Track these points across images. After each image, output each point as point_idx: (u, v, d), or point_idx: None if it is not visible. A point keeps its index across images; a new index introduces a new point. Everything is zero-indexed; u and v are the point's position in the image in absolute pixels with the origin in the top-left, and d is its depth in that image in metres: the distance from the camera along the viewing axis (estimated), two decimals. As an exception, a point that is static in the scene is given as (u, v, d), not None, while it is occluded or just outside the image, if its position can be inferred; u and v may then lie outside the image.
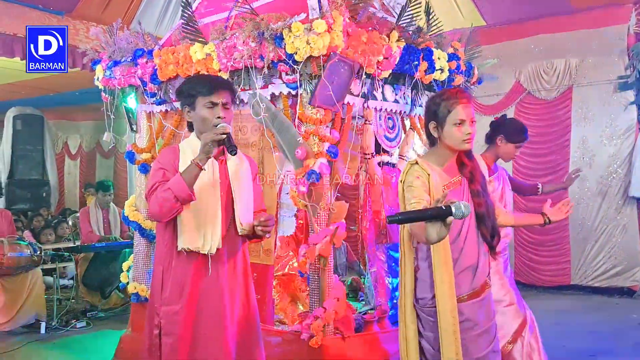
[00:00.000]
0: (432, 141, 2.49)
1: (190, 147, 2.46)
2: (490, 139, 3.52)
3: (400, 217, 1.95)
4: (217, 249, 2.43)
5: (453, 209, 1.88)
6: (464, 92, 2.45)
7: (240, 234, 2.51)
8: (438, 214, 1.89)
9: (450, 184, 2.41)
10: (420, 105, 3.99)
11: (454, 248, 2.37)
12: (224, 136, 2.32)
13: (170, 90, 3.84)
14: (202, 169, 2.32)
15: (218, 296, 2.45)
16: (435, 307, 2.34)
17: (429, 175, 2.35)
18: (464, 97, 2.39)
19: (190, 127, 2.55)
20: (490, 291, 2.51)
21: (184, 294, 2.40)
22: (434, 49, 3.78)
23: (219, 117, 2.40)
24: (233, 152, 2.36)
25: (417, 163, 2.40)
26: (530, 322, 3.44)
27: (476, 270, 2.42)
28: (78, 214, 7.07)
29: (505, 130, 3.45)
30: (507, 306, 3.40)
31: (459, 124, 2.35)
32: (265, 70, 3.32)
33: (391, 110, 3.83)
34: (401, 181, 2.42)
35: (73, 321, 5.51)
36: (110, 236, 6.37)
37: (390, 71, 3.55)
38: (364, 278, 4.37)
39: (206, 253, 2.41)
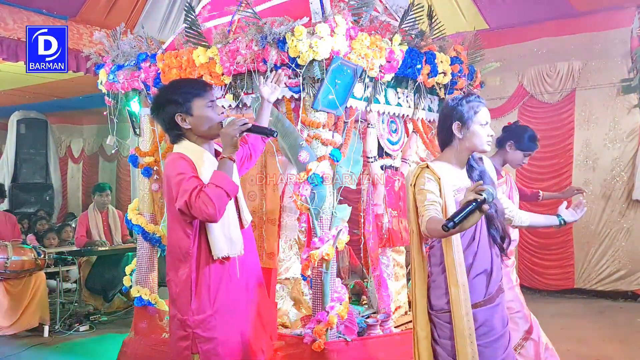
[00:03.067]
0: (446, 143, 2.50)
1: (196, 154, 2.40)
2: (500, 143, 3.52)
3: (454, 221, 1.99)
4: None
5: (485, 195, 1.97)
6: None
7: (245, 227, 2.53)
8: (477, 206, 1.98)
9: (460, 189, 2.42)
10: (424, 109, 3.99)
11: (469, 252, 2.37)
12: (250, 125, 2.35)
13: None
14: (234, 161, 2.36)
15: (246, 294, 2.49)
16: (450, 312, 2.34)
17: (439, 178, 2.36)
18: (484, 101, 2.50)
19: (176, 136, 2.47)
20: (503, 296, 2.50)
21: (217, 298, 2.39)
22: (436, 53, 3.78)
23: (222, 113, 2.43)
24: (274, 133, 2.44)
25: (427, 167, 2.41)
26: (537, 329, 3.44)
27: (491, 274, 2.42)
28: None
29: (516, 136, 3.46)
30: (515, 313, 3.39)
31: (484, 125, 2.42)
32: (268, 73, 3.33)
33: (394, 113, 3.82)
34: (412, 185, 2.41)
35: (76, 325, 5.52)
36: (97, 241, 6.36)
37: (393, 74, 3.55)
38: (367, 282, 4.36)
39: (235, 256, 2.43)
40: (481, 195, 1.98)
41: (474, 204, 1.97)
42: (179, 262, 2.41)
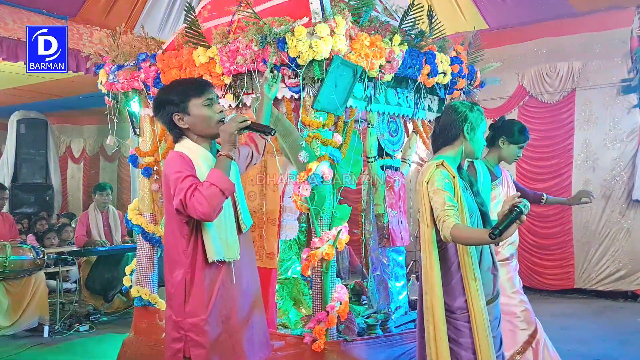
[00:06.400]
0: (449, 142, 2.56)
1: (194, 153, 2.40)
2: (491, 141, 3.48)
3: (499, 230, 2.10)
4: None
5: (522, 208, 2.08)
6: None
7: (244, 232, 2.51)
8: (518, 216, 2.08)
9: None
10: (424, 109, 3.99)
11: (475, 251, 2.45)
12: (249, 123, 2.31)
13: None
14: (232, 159, 2.32)
15: (242, 300, 2.46)
16: (468, 310, 2.39)
17: (454, 177, 2.42)
18: None
19: (178, 135, 2.48)
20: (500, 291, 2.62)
21: (211, 303, 2.36)
22: (436, 53, 3.78)
23: (221, 112, 2.41)
24: (273, 132, 2.41)
25: (443, 164, 2.44)
26: (541, 334, 3.42)
27: (495, 269, 2.54)
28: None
29: (507, 131, 3.43)
30: (518, 316, 3.38)
31: (484, 134, 2.59)
32: (267, 74, 3.32)
33: (394, 113, 3.82)
34: (426, 182, 2.43)
35: (76, 325, 5.52)
36: (98, 241, 6.37)
37: (393, 75, 3.55)
38: (367, 282, 4.36)
39: (231, 260, 2.40)
40: (519, 207, 2.07)
41: (514, 214, 2.07)
42: (175, 262, 2.39)
